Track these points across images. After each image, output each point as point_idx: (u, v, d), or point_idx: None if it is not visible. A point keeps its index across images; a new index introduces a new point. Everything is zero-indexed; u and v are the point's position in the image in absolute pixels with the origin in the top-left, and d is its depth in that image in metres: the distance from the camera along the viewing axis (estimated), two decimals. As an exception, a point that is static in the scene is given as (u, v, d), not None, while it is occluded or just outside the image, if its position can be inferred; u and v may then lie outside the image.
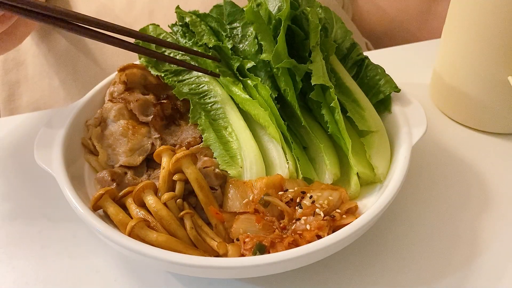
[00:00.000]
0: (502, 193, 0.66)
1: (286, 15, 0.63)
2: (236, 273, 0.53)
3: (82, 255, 0.61)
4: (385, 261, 0.58)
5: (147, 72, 0.72)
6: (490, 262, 0.57)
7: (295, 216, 0.55)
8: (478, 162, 0.71)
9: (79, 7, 0.99)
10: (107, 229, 0.52)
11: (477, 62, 0.70)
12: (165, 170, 0.58)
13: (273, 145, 0.63)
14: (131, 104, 0.67)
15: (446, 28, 0.75)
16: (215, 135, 0.64)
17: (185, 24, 0.74)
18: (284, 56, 0.63)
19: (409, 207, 0.64)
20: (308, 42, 0.64)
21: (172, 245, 0.53)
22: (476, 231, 0.61)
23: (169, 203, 0.56)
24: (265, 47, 0.65)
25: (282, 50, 0.63)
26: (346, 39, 0.73)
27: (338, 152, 0.64)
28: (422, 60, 0.91)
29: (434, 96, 0.82)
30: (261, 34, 0.65)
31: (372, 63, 0.71)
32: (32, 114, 0.86)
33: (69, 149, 0.63)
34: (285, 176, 0.60)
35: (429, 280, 0.56)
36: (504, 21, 0.64)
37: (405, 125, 0.62)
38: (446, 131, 0.77)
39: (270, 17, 0.66)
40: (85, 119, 0.68)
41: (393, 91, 0.67)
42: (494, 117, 0.73)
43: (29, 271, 0.60)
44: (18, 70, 1.00)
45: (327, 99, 0.63)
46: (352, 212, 0.57)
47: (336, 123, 0.62)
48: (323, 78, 0.62)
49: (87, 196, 0.60)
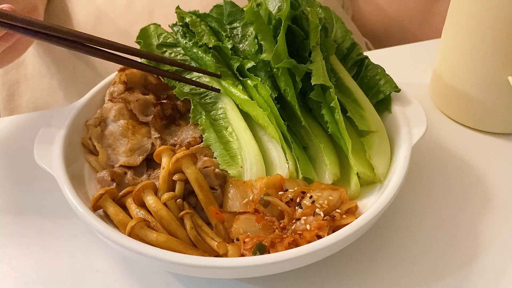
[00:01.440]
0: (502, 193, 0.66)
1: (286, 15, 0.63)
2: (236, 273, 0.53)
3: (82, 255, 0.61)
4: (385, 261, 0.58)
5: (147, 74, 0.72)
6: (490, 262, 0.57)
7: (295, 216, 0.55)
8: (478, 162, 0.71)
9: (78, 8, 0.99)
10: (107, 229, 0.52)
11: (477, 62, 0.70)
12: (165, 170, 0.58)
13: (273, 145, 0.63)
14: (131, 104, 0.67)
15: (446, 28, 0.75)
16: (215, 135, 0.64)
17: (185, 24, 0.74)
18: (284, 56, 0.63)
19: (409, 207, 0.64)
20: (308, 42, 0.64)
21: (172, 245, 0.52)
22: (476, 231, 0.61)
23: (169, 203, 0.56)
24: (265, 47, 0.65)
25: (282, 50, 0.63)
26: (346, 39, 0.73)
27: (338, 152, 0.64)
28: (422, 60, 0.91)
29: (434, 96, 0.82)
30: (261, 34, 0.65)
31: (372, 63, 0.71)
32: (32, 114, 0.86)
33: (69, 149, 0.63)
34: (285, 176, 0.60)
35: (429, 280, 0.56)
36: (504, 21, 0.64)
37: (405, 125, 0.62)
38: (446, 131, 0.76)
39: (270, 17, 0.66)
40: (85, 119, 0.68)
41: (393, 91, 0.67)
42: (494, 117, 0.73)
43: (29, 271, 0.60)
44: (17, 70, 1.00)
45: (327, 99, 0.63)
46: (352, 212, 0.57)
47: (336, 123, 0.62)
48: (323, 78, 0.62)
49: (87, 196, 0.60)
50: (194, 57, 0.71)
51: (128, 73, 0.70)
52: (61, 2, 1.01)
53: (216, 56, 0.70)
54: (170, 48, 0.74)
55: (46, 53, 0.99)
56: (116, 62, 0.63)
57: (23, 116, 0.86)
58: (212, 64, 0.68)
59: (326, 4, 0.77)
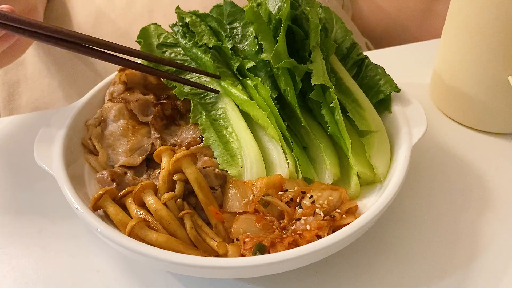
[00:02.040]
0: (502, 193, 0.66)
1: (286, 15, 0.63)
2: (236, 273, 0.53)
3: (82, 255, 0.61)
4: (385, 261, 0.58)
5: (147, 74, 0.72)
6: (490, 262, 0.57)
7: (295, 216, 0.55)
8: (478, 162, 0.71)
9: (78, 9, 0.99)
10: (107, 229, 0.52)
11: (477, 62, 0.70)
12: (165, 170, 0.58)
13: (273, 145, 0.63)
14: (131, 104, 0.67)
15: (446, 28, 0.75)
16: (215, 134, 0.64)
17: (185, 24, 0.74)
18: (284, 56, 0.63)
19: (409, 207, 0.64)
20: (308, 42, 0.64)
21: (172, 245, 0.52)
22: (476, 231, 0.61)
23: (169, 203, 0.56)
24: (265, 47, 0.65)
25: (282, 50, 0.63)
26: (346, 39, 0.73)
27: (338, 152, 0.64)
28: (422, 60, 0.91)
29: (434, 96, 0.82)
30: (261, 34, 0.65)
31: (372, 63, 0.71)
32: (32, 114, 0.87)
33: (69, 149, 0.63)
34: (285, 176, 0.60)
35: (429, 280, 0.56)
36: (504, 21, 0.64)
37: (405, 125, 0.62)
38: (446, 131, 0.76)
39: (270, 17, 0.66)
40: (85, 119, 0.68)
41: (393, 91, 0.67)
42: (494, 117, 0.73)
43: (29, 271, 0.60)
44: (17, 70, 1.00)
45: (327, 99, 0.63)
46: (352, 212, 0.57)
47: (336, 123, 0.62)
48: (323, 78, 0.62)
49: (87, 196, 0.60)
50: (194, 57, 0.71)
51: (128, 73, 0.70)
52: (61, 3, 1.01)
53: (216, 56, 0.70)
54: (170, 48, 0.74)
55: (46, 53, 0.99)
56: (115, 63, 0.63)
57: (23, 116, 0.86)
58: (210, 65, 0.68)
59: (326, 4, 0.77)
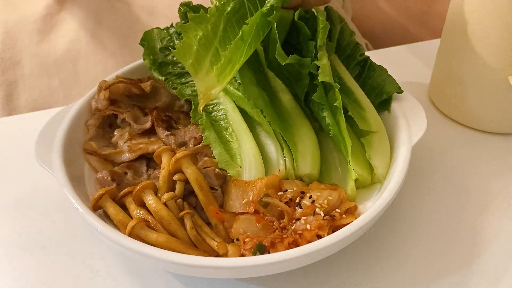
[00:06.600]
0: (502, 193, 0.66)
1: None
2: (236, 273, 0.53)
3: (82, 255, 0.61)
4: (385, 261, 0.58)
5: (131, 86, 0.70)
6: (490, 262, 0.57)
7: (295, 216, 0.55)
8: (478, 162, 0.71)
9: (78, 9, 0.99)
10: (107, 229, 0.52)
11: (477, 62, 0.70)
12: (165, 170, 0.58)
13: (270, 141, 0.63)
14: (124, 115, 0.67)
15: (446, 28, 0.75)
16: (215, 134, 0.64)
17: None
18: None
19: (409, 207, 0.64)
20: (312, 43, 0.64)
21: (172, 245, 0.52)
22: (476, 231, 0.61)
23: (169, 203, 0.56)
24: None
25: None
26: (350, 40, 0.73)
27: (338, 154, 0.63)
28: (422, 60, 0.91)
29: (434, 96, 0.82)
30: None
31: (375, 64, 0.70)
32: (32, 114, 0.86)
33: (69, 149, 0.63)
34: (281, 170, 0.59)
35: (429, 280, 0.56)
36: (504, 21, 0.64)
37: (405, 125, 0.62)
38: (446, 131, 0.77)
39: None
40: (85, 119, 0.68)
41: (396, 91, 0.66)
42: (494, 117, 0.73)
43: (29, 271, 0.60)
44: (15, 70, 1.00)
45: (330, 100, 0.62)
46: (351, 212, 0.57)
47: (337, 124, 0.62)
48: (329, 77, 0.61)
49: (87, 196, 0.60)
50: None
51: (112, 89, 0.68)
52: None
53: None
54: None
55: (45, 53, 0.99)
56: None
57: (22, 116, 0.86)
58: None
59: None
